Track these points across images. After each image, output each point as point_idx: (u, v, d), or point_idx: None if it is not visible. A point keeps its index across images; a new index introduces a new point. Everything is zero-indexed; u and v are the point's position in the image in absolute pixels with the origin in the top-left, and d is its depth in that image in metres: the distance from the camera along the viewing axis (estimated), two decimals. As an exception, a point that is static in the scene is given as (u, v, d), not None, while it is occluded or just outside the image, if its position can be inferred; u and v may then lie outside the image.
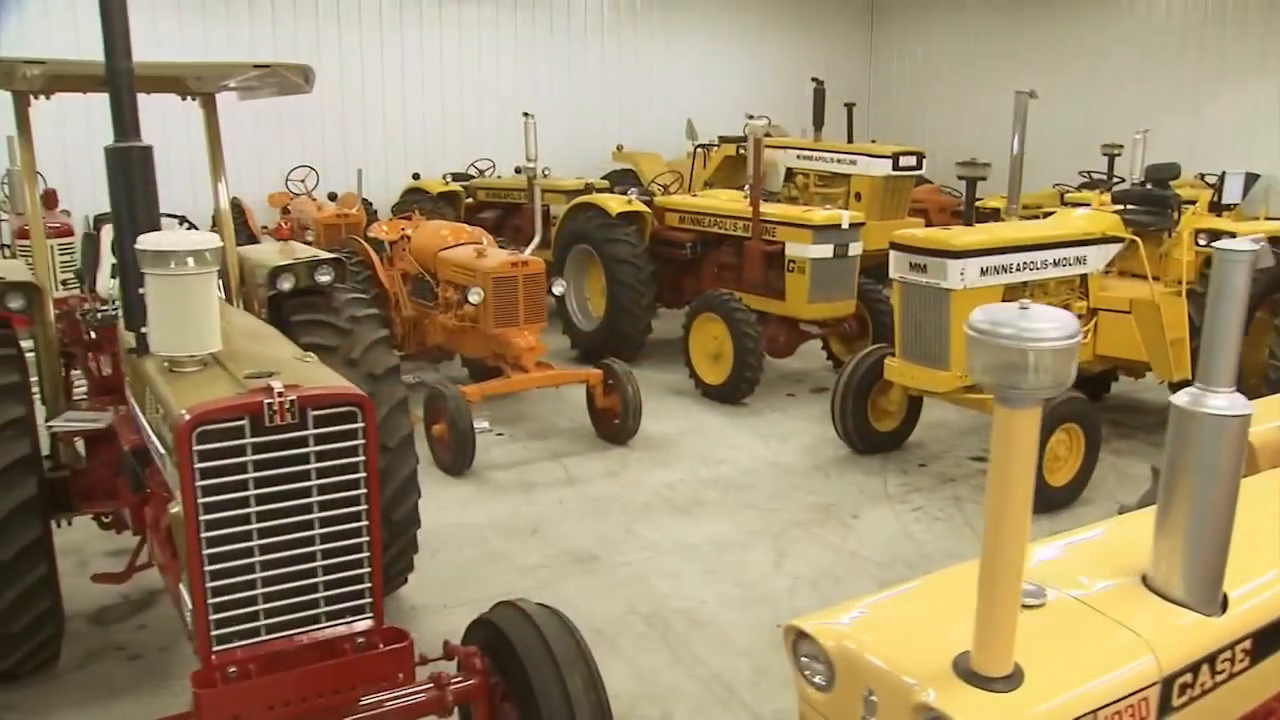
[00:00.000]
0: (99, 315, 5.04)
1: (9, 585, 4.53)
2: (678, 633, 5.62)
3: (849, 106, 15.46)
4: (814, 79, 14.36)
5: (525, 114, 13.79)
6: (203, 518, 3.08)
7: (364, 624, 3.41)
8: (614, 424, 8.75)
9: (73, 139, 13.82)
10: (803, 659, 2.67)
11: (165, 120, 13.50)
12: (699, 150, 14.79)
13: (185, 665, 5.29)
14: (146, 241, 3.39)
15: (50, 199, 12.81)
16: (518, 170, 16.28)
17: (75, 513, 5.34)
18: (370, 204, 15.20)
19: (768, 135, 13.28)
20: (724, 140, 14.89)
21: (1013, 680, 2.33)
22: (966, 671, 2.34)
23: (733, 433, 9.19)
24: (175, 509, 3.28)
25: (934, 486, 7.90)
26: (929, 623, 2.63)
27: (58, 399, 5.22)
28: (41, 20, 13.64)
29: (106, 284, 5.24)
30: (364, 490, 3.31)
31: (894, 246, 7.84)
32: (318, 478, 3.23)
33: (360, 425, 3.25)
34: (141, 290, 3.50)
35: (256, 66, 4.87)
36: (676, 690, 5.06)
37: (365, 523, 3.35)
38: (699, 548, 6.74)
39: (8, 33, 13.40)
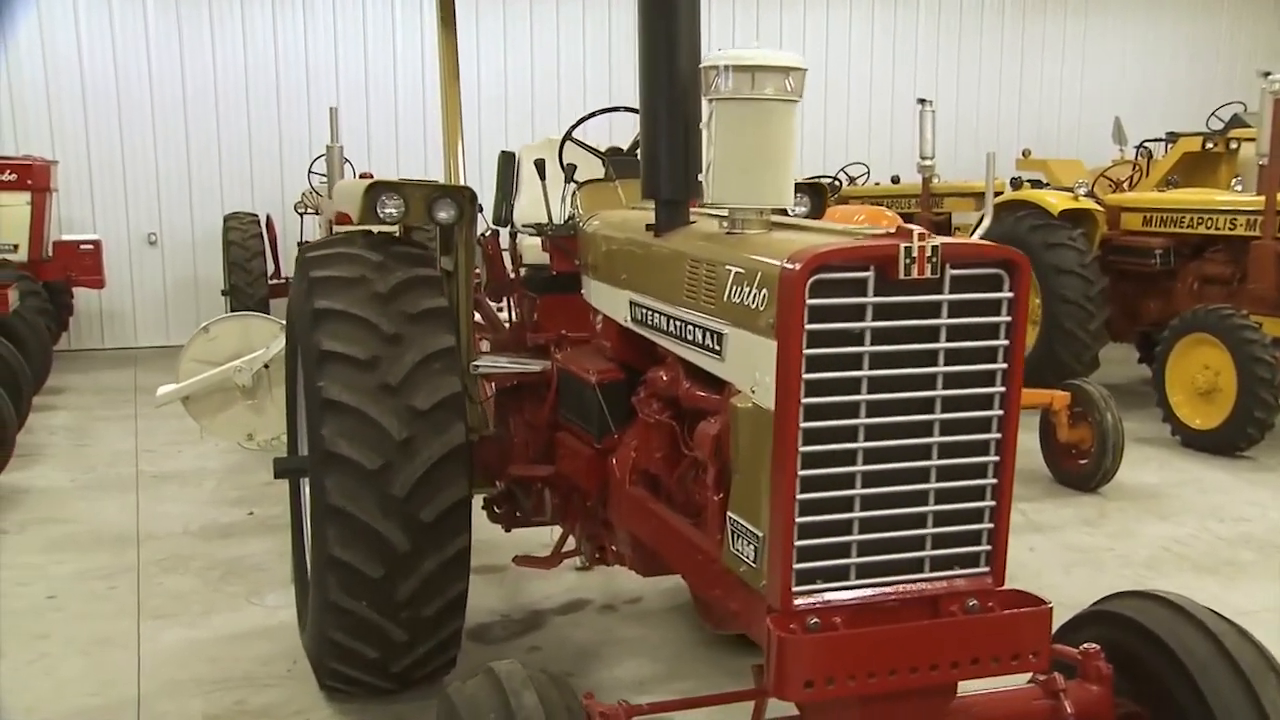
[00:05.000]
0: (551, 228, 5.03)
1: (429, 554, 4.48)
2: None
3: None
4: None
5: (921, 100, 13.63)
6: (806, 401, 2.83)
7: (980, 579, 3.07)
8: (1080, 464, 8.25)
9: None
10: None
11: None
12: (1140, 151, 14.05)
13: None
14: (721, 57, 3.25)
15: (367, 183, 13.60)
16: (894, 180, 16.07)
17: (482, 488, 5.34)
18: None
19: (1246, 125, 12.50)
20: (1174, 136, 14.07)
21: None
22: None
23: (1243, 487, 8.56)
24: (745, 403, 3.07)
25: None
26: None
27: (470, 343, 5.25)
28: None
29: (561, 205, 5.25)
30: (1001, 389, 2.99)
31: None
32: (946, 363, 2.93)
33: (1008, 295, 2.94)
34: (703, 124, 3.36)
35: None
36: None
37: (997, 435, 3.02)
38: (1256, 614, 6.07)
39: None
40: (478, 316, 5.83)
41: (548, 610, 6.12)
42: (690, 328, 3.50)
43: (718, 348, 3.29)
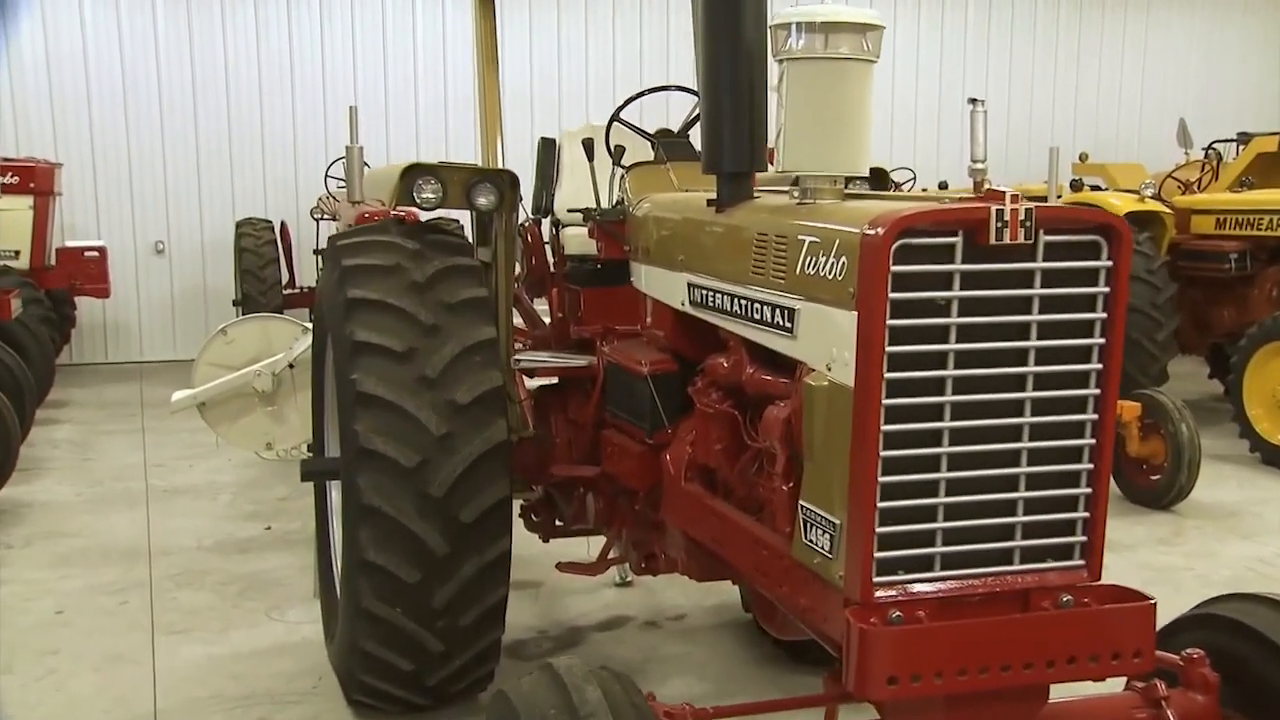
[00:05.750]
0: (598, 213, 5.02)
1: (468, 557, 4.46)
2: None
3: None
4: None
5: (972, 100, 13.54)
6: (888, 376, 2.81)
7: (1074, 573, 3.05)
8: (1152, 479, 8.21)
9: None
10: None
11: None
12: (1209, 153, 13.99)
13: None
14: (793, 14, 3.24)
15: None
16: (942, 185, 16.01)
17: (520, 493, 5.32)
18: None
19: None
20: (1246, 136, 14.01)
21: None
22: None
23: (1330, 507, 8.48)
24: (820, 381, 3.04)
25: None
26: None
27: (510, 337, 5.24)
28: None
29: (608, 190, 5.26)
30: (1098, 366, 2.97)
31: None
32: (1039, 337, 2.90)
33: (1106, 264, 2.91)
34: (773, 87, 3.34)
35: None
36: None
37: (1093, 417, 2.99)
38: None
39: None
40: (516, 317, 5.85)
41: (586, 627, 6.10)
42: (757, 306, 3.47)
43: (789, 324, 3.27)
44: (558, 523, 5.57)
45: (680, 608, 6.28)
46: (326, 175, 14.16)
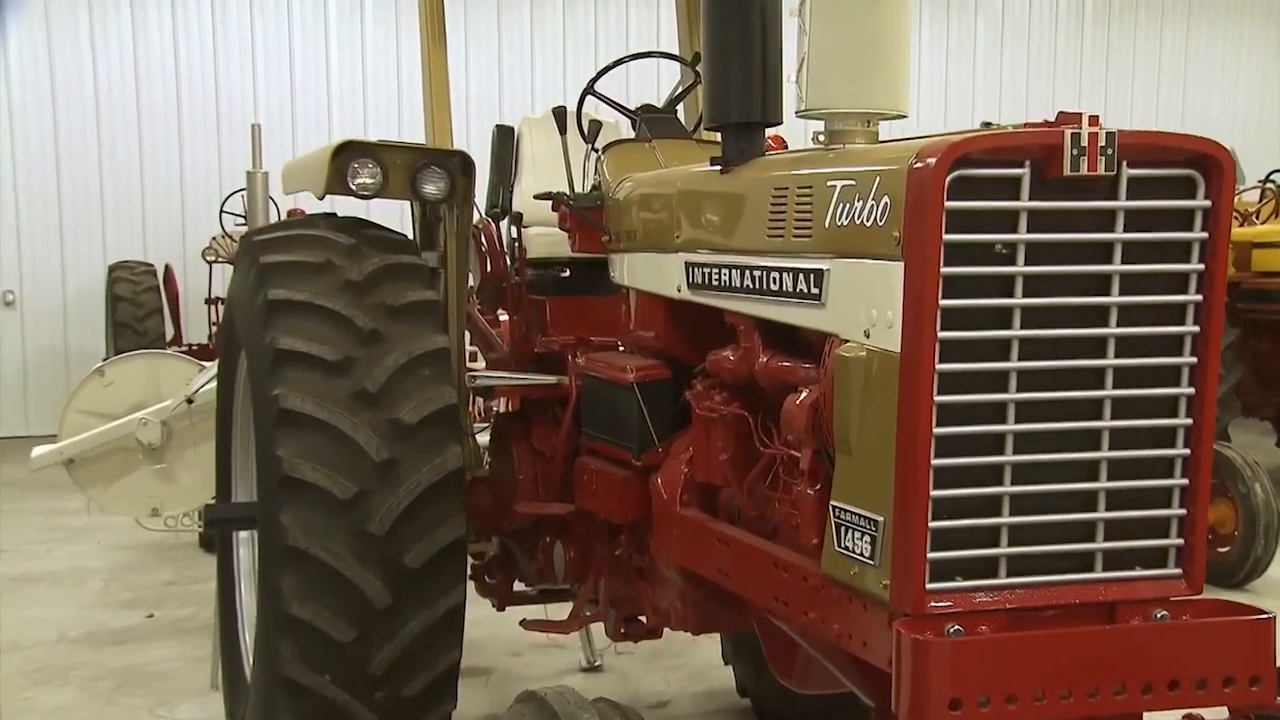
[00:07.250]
0: (572, 201, 5.01)
1: (414, 611, 4.37)
2: None
3: None
4: None
5: (986, 124, 13.66)
6: (943, 336, 2.79)
7: (1169, 583, 3.04)
8: (1219, 551, 8.27)
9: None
10: None
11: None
12: (1269, 184, 14.21)
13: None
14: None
15: (304, 219, 13.63)
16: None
17: (476, 542, 5.30)
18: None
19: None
20: (1307, 162, 14.28)
21: None
22: None
23: None
24: (857, 351, 3.02)
25: None
26: None
27: (463, 353, 5.22)
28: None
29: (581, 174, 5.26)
30: (1193, 329, 2.96)
31: None
32: (1122, 292, 2.90)
33: (1203, 204, 2.91)
34: (794, 11, 3.36)
35: None
36: None
37: (1188, 390, 2.98)
38: None
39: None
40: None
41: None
42: (775, 275, 3.46)
43: (816, 290, 3.26)
44: (517, 584, 5.51)
45: (662, 694, 6.24)
46: (222, 210, 14.05)
